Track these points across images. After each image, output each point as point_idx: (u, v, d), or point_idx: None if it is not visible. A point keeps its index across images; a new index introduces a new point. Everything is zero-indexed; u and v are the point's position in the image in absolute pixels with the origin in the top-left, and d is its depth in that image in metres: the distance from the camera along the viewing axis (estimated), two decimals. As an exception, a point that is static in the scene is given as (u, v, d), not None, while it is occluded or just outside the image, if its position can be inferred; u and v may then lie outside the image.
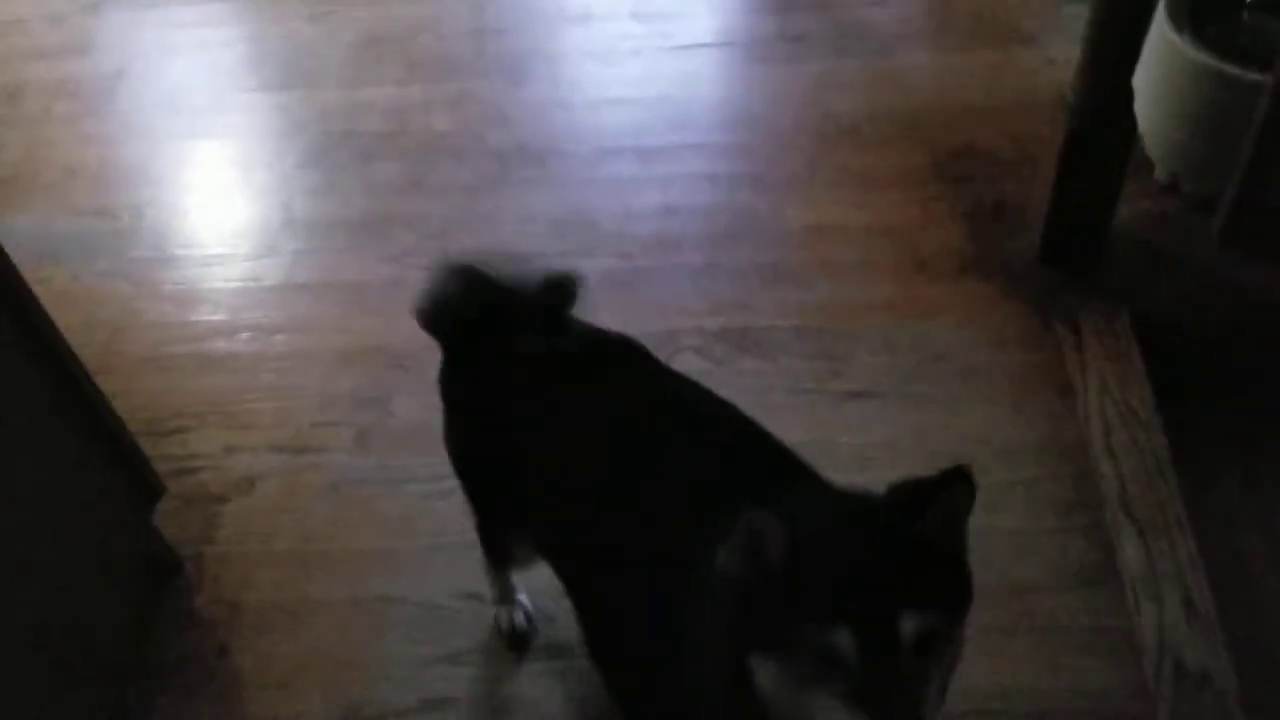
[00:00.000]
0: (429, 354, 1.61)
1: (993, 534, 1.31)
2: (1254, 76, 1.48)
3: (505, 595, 1.34)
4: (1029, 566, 1.33)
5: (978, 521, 0.77)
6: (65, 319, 1.67)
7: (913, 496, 0.75)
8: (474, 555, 1.30)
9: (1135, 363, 1.48)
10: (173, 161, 1.95)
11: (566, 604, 1.07)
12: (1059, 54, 1.93)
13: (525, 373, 1.06)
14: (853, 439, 1.47)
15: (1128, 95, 1.43)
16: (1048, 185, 1.62)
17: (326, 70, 2.06)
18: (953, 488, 0.75)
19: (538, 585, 1.32)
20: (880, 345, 1.56)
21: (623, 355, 1.12)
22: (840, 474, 0.89)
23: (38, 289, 1.76)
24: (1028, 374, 1.52)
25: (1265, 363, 1.51)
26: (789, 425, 1.01)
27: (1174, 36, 1.56)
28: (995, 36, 2.00)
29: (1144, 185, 1.68)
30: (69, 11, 2.26)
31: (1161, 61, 1.57)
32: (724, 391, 1.06)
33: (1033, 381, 1.51)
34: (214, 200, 1.88)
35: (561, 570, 1.08)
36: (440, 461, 1.20)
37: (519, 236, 1.76)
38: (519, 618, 1.35)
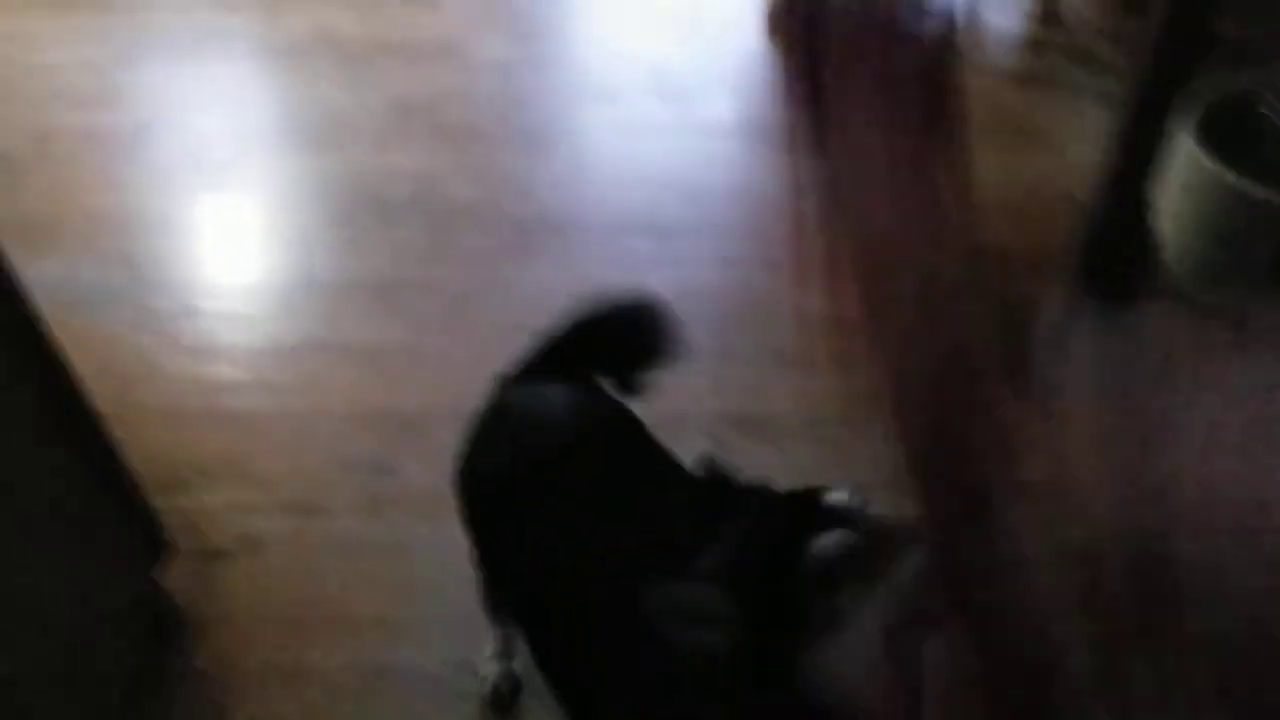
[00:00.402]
0: (441, 419, 1.63)
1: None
2: (1274, 196, 1.51)
3: (502, 651, 1.34)
4: None
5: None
6: (82, 366, 1.69)
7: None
8: (474, 625, 1.31)
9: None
10: (198, 214, 1.98)
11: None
12: (1075, 155, 1.97)
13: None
14: (858, 531, 1.48)
15: (1144, 202, 1.46)
16: (1061, 289, 1.64)
17: (356, 133, 2.10)
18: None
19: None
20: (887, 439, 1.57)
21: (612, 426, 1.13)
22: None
23: (59, 334, 1.79)
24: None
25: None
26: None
27: (1197, 152, 1.59)
28: (1012, 135, 2.04)
29: (1159, 285, 1.70)
30: (104, 61, 2.31)
31: (1184, 175, 1.60)
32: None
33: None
34: (238, 255, 1.91)
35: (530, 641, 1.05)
36: (450, 527, 1.21)
37: (533, 309, 1.78)
38: (502, 679, 1.34)
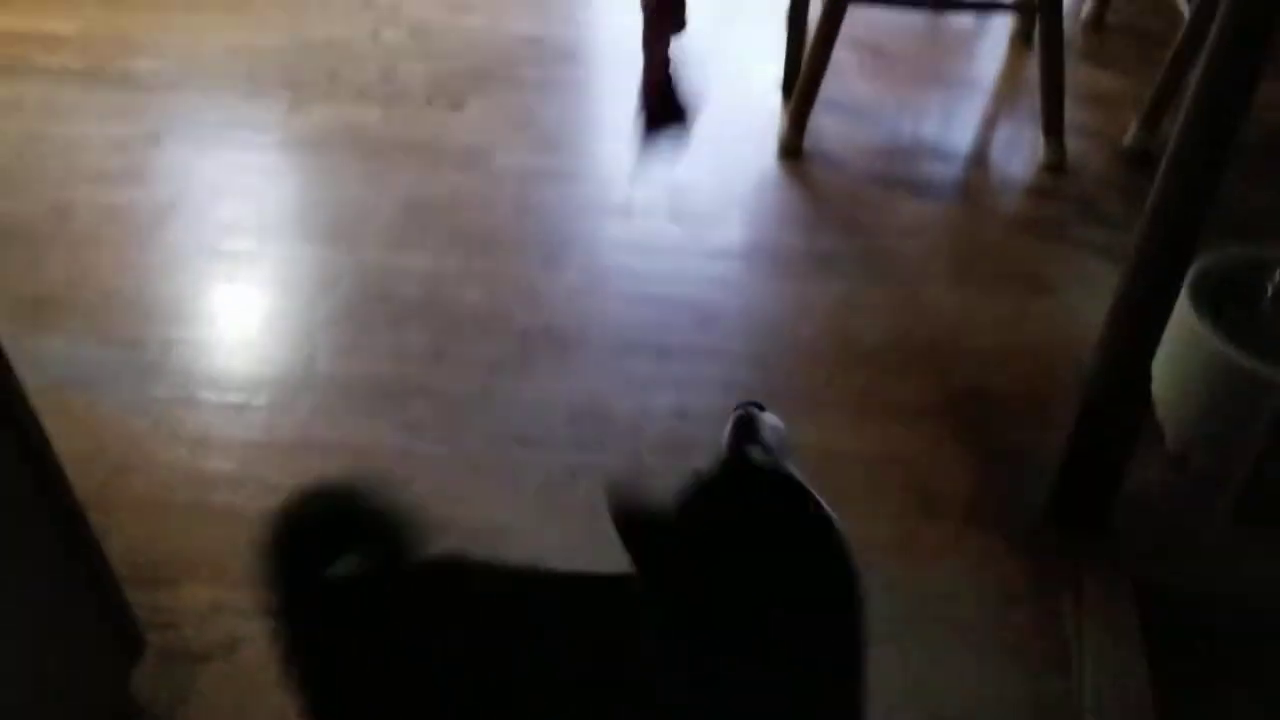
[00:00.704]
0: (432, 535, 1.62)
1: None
2: (1269, 370, 1.51)
3: None
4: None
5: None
6: (75, 447, 1.68)
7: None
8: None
9: (1134, 638, 1.47)
10: (208, 301, 1.99)
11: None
12: (1080, 307, 1.98)
13: None
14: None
15: (1145, 375, 1.47)
16: (1060, 439, 1.64)
17: (370, 229, 2.13)
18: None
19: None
20: (878, 586, 1.55)
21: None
22: None
23: (56, 413, 1.78)
24: (1024, 634, 1.51)
25: (1267, 651, 1.50)
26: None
27: (1194, 317, 1.60)
28: (1018, 281, 2.05)
29: (1154, 454, 1.70)
30: (132, 138, 2.35)
31: (1179, 339, 1.61)
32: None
33: (1028, 642, 1.50)
34: (241, 345, 1.91)
35: None
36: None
37: (533, 421, 1.78)
38: None
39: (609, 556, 0.94)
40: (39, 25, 2.66)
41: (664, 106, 1.67)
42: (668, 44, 1.66)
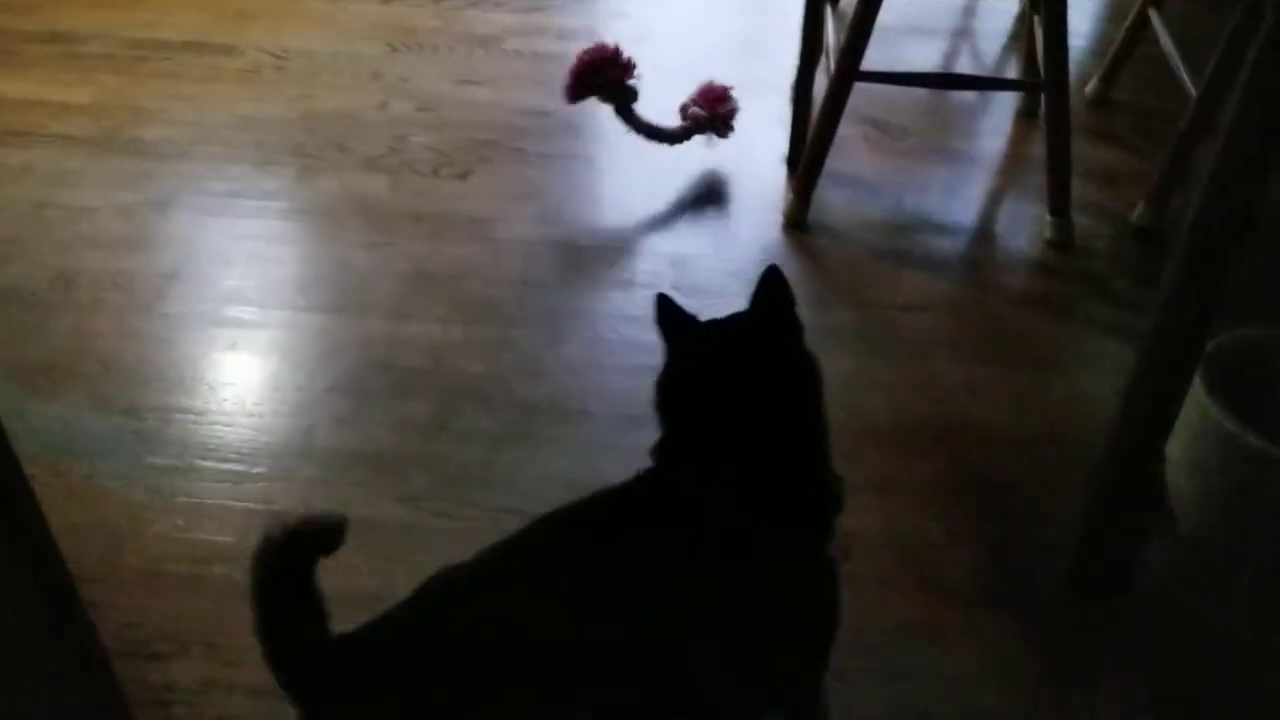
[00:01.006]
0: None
1: None
2: (1273, 449, 1.49)
3: None
4: None
5: None
6: (71, 518, 1.67)
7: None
8: None
9: (1147, 725, 1.44)
10: (209, 370, 1.98)
11: None
12: (1090, 386, 1.97)
13: None
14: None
15: (1159, 457, 1.45)
16: (1071, 521, 1.61)
17: (373, 300, 2.12)
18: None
19: None
20: (882, 670, 1.53)
21: None
22: None
23: (51, 482, 1.78)
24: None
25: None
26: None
27: (1207, 401, 1.58)
28: (1025, 359, 2.04)
29: (1167, 537, 1.67)
30: (138, 206, 2.35)
31: (1193, 421, 1.59)
32: None
33: (1039, 729, 1.47)
34: (242, 414, 1.89)
35: None
36: None
37: (534, 495, 1.75)
38: None
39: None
40: (52, 94, 2.68)
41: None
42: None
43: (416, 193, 2.39)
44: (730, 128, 2.45)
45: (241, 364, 2.00)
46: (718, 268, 2.22)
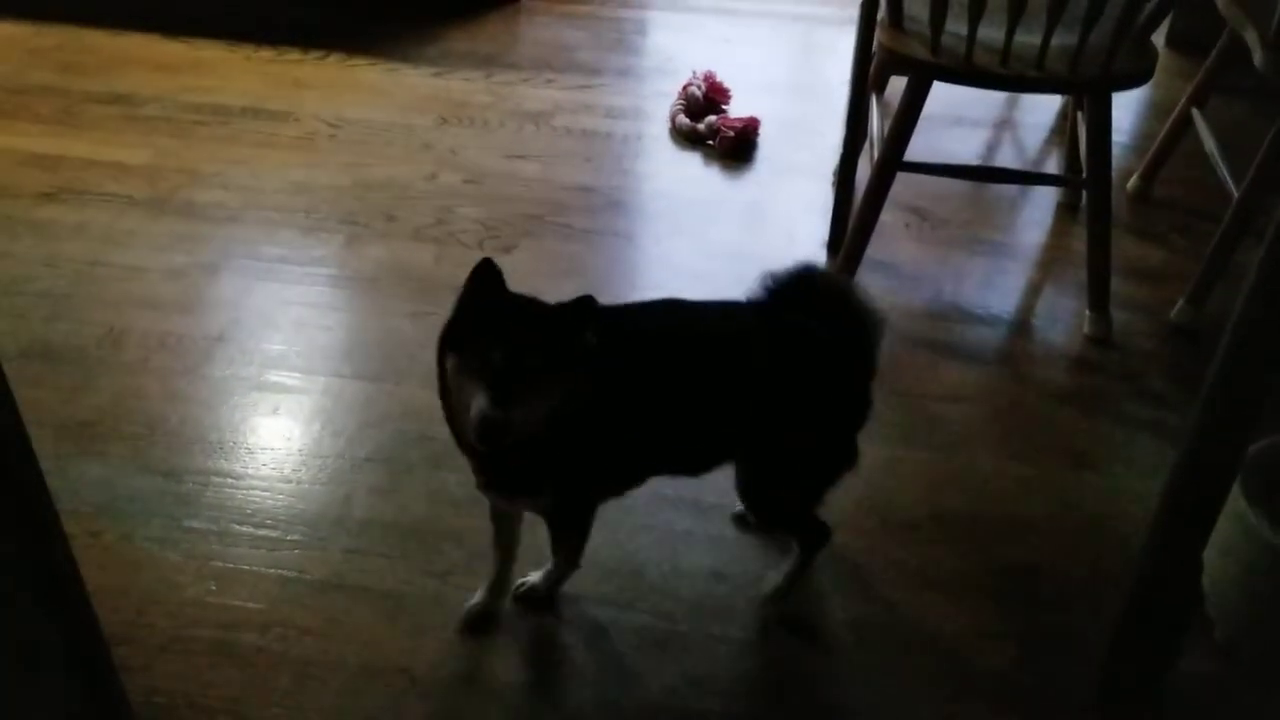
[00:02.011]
0: (455, 685, 1.59)
1: None
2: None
3: (494, 586, 1.68)
4: None
5: None
6: (106, 579, 1.69)
7: (576, 317, 1.36)
8: None
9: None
10: (249, 435, 2.00)
11: None
12: (1127, 485, 1.95)
13: None
14: None
15: (1197, 563, 1.43)
16: (1105, 623, 1.59)
17: (416, 370, 2.14)
18: (577, 336, 1.36)
19: None
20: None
21: None
22: None
23: (88, 542, 1.80)
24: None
25: None
26: None
27: (1245, 507, 1.57)
28: (1062, 455, 2.03)
29: (1203, 643, 1.65)
30: (188, 268, 2.40)
31: (1229, 528, 1.57)
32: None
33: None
34: (279, 480, 1.91)
35: None
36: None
37: (565, 574, 1.76)
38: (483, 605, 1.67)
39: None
40: (110, 154, 2.76)
41: None
42: None
43: (462, 264, 2.39)
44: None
45: (282, 429, 2.02)
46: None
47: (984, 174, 2.76)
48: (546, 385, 1.34)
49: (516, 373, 1.31)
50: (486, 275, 1.37)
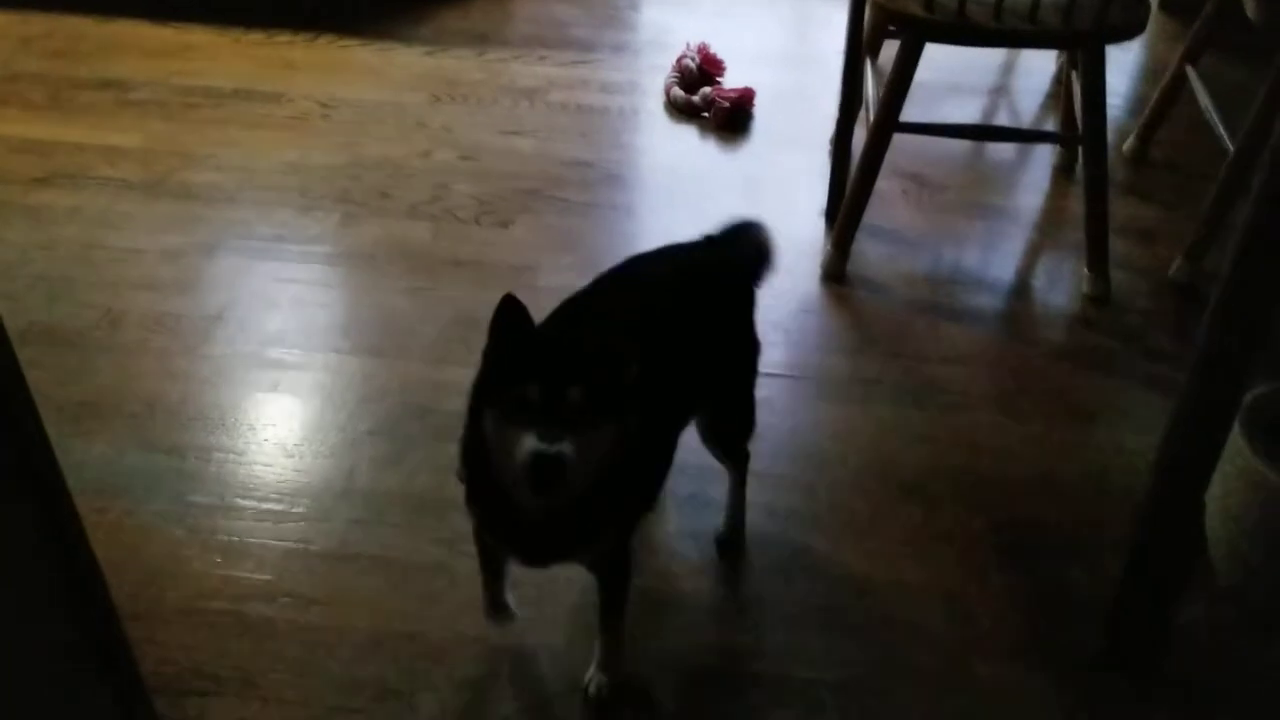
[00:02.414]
0: (463, 649, 1.60)
1: None
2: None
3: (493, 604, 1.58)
4: None
5: None
6: (111, 555, 1.67)
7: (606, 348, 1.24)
8: None
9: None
10: (251, 411, 2.00)
11: None
12: (1129, 440, 1.95)
13: None
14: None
15: (1198, 509, 1.43)
16: (1110, 572, 1.60)
17: (415, 344, 2.14)
18: (621, 364, 1.23)
19: None
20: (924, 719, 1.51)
21: None
22: None
23: (93, 519, 1.78)
24: (1076, 779, 1.45)
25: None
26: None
27: (1247, 451, 1.57)
28: (1064, 413, 2.03)
29: (1207, 590, 1.65)
30: (184, 249, 2.40)
31: (1231, 473, 1.57)
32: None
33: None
34: (282, 455, 1.91)
35: None
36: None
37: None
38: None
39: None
40: (103, 138, 2.75)
41: None
42: None
43: (458, 240, 2.43)
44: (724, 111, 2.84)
45: (283, 405, 2.02)
46: (757, 318, 2.22)
47: (979, 133, 2.75)
48: (595, 420, 1.20)
49: (560, 406, 1.18)
50: (511, 313, 1.23)
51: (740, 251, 1.66)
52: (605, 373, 1.22)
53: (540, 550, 1.40)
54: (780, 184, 2.67)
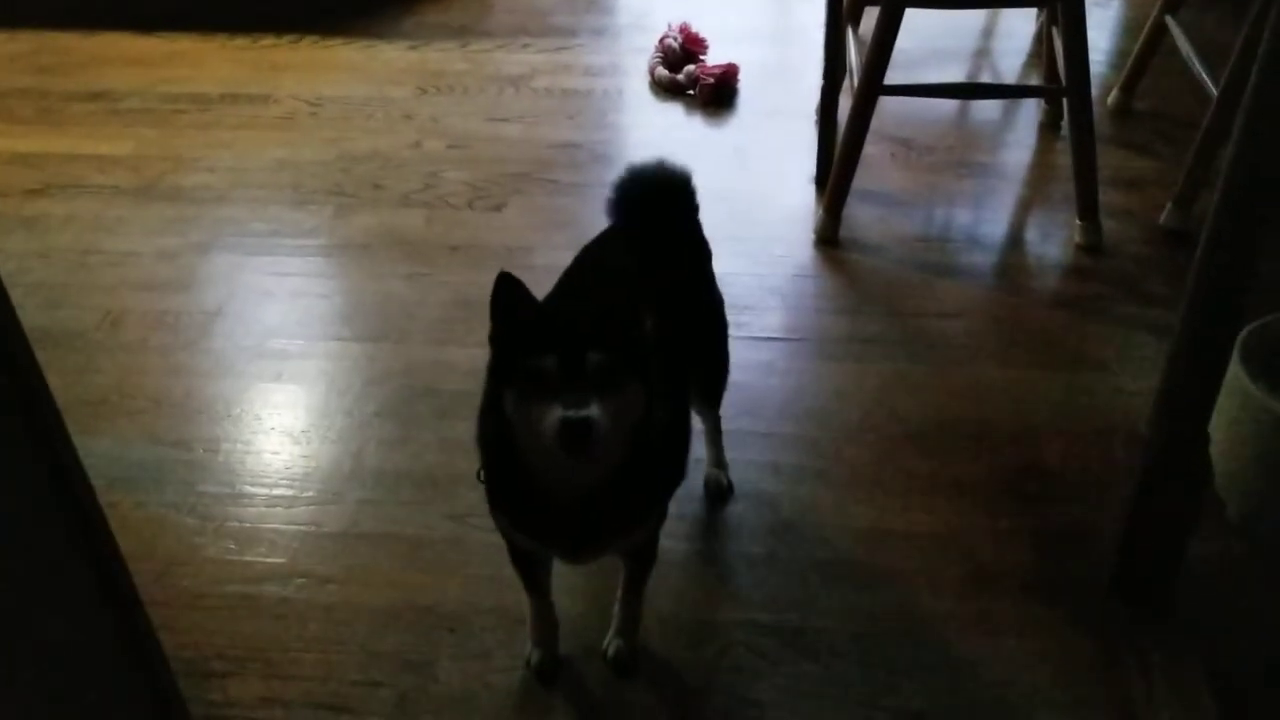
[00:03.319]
0: (480, 618, 1.61)
1: None
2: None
3: (540, 638, 1.53)
4: None
5: None
6: (125, 546, 1.68)
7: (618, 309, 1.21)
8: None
9: (1205, 714, 1.42)
10: (255, 401, 2.01)
11: None
12: (1128, 383, 1.97)
13: None
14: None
15: (1203, 440, 1.44)
16: (1117, 513, 1.61)
17: (415, 327, 2.15)
18: (635, 323, 1.21)
19: None
20: (939, 662, 1.52)
21: None
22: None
23: (104, 513, 1.79)
24: (1090, 710, 1.46)
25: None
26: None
27: (1248, 383, 1.58)
28: (1064, 360, 2.04)
29: (1216, 524, 1.66)
30: (180, 249, 2.41)
31: (1233, 406, 1.59)
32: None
33: (1095, 718, 1.45)
34: (289, 441, 1.92)
35: None
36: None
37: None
38: (544, 660, 1.52)
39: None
40: (93, 148, 2.76)
41: None
42: None
43: (452, 225, 2.44)
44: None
45: (288, 394, 2.03)
46: (754, 285, 2.24)
47: (965, 91, 2.76)
48: (619, 381, 1.17)
49: (581, 372, 1.15)
50: (510, 290, 1.19)
51: (661, 201, 1.63)
52: (620, 334, 1.19)
53: (583, 539, 1.33)
54: (769, 155, 2.69)
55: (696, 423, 1.74)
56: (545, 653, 1.54)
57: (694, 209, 1.66)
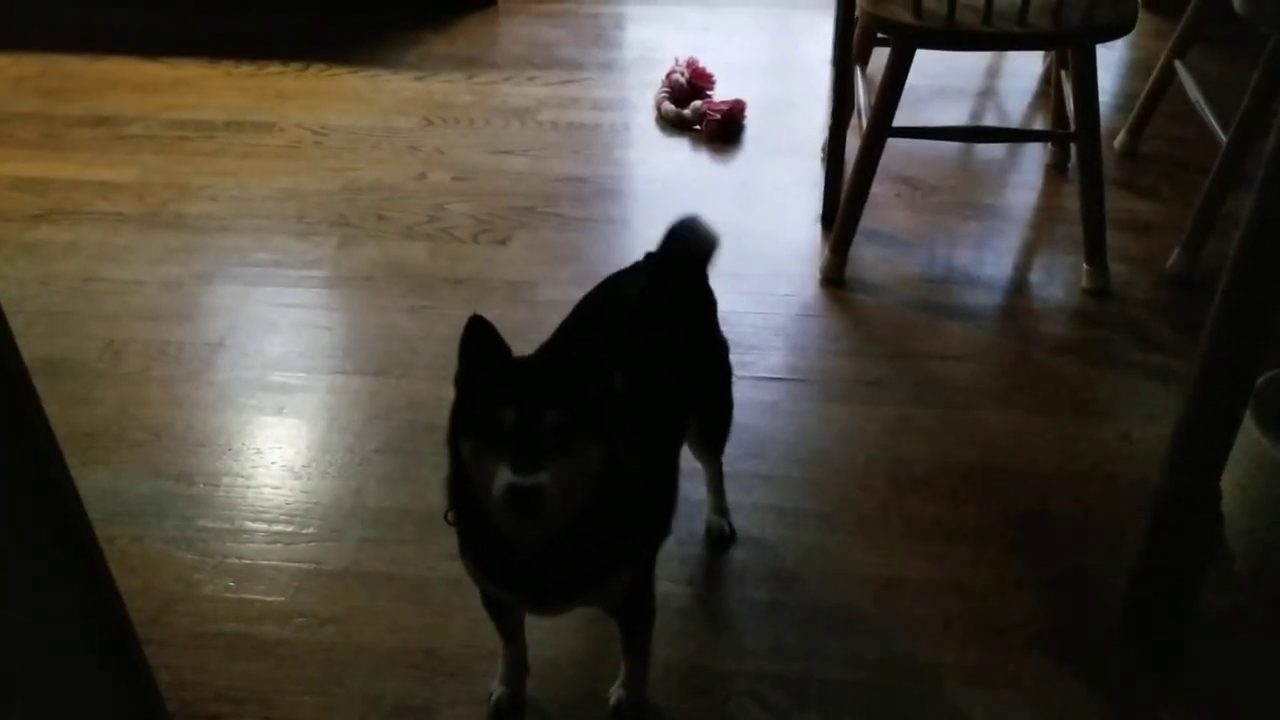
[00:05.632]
0: (481, 663, 1.59)
1: None
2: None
3: (509, 674, 1.52)
4: None
5: None
6: (122, 582, 1.66)
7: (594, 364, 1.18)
8: None
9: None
10: (257, 435, 2.00)
11: None
12: (1135, 431, 1.96)
13: None
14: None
15: (1215, 490, 1.43)
16: (1123, 562, 1.60)
17: (418, 361, 2.14)
18: (601, 381, 1.17)
19: None
20: (944, 714, 1.50)
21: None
22: None
23: (102, 547, 1.78)
24: (1101, 766, 1.45)
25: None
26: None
27: (1259, 435, 1.57)
28: (1069, 406, 2.03)
29: (1225, 577, 1.65)
30: (183, 278, 2.40)
31: (1245, 458, 1.58)
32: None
33: (1106, 775, 1.44)
34: (290, 477, 1.91)
35: None
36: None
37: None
38: (504, 698, 1.52)
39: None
40: (97, 174, 2.76)
41: None
42: None
43: (457, 258, 2.43)
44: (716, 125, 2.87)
45: (289, 428, 2.01)
46: (758, 323, 2.23)
47: (974, 134, 2.77)
48: (576, 442, 1.13)
49: (537, 431, 1.10)
50: (479, 335, 1.17)
51: (680, 250, 1.62)
52: (585, 391, 1.14)
53: (548, 593, 1.30)
54: (774, 192, 2.69)
55: (697, 468, 1.73)
56: (507, 692, 1.53)
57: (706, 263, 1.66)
